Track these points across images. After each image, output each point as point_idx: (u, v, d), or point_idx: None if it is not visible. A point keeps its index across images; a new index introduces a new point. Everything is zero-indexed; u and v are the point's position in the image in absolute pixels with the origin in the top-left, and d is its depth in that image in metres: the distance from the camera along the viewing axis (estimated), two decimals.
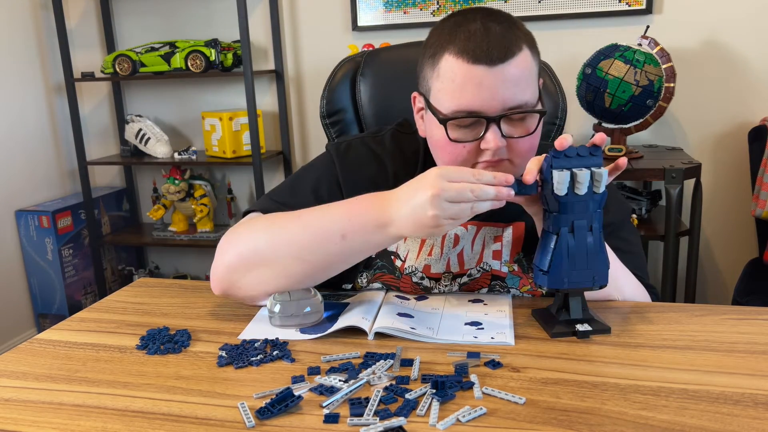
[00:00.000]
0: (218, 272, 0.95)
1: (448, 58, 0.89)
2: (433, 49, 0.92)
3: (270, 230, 0.93)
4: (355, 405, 0.70)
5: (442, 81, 0.90)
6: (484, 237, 1.03)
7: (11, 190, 2.68)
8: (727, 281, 2.46)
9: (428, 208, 0.80)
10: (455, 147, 0.91)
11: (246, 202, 2.91)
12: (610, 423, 0.65)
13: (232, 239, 0.96)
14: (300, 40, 2.67)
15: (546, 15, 2.39)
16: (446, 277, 1.03)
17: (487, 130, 0.89)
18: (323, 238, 0.89)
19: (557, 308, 0.89)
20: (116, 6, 2.83)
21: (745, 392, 0.71)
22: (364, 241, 0.88)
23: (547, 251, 0.85)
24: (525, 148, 0.92)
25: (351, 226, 0.88)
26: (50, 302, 2.75)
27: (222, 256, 0.95)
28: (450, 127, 0.90)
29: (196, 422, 0.68)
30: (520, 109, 0.89)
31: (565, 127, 1.31)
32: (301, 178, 1.07)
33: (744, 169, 2.31)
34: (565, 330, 0.86)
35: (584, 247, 0.84)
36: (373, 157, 1.06)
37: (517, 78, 0.88)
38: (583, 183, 0.82)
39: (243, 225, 0.97)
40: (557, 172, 0.82)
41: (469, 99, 0.88)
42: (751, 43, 2.26)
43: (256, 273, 0.93)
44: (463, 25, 0.90)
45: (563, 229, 0.84)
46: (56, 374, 0.80)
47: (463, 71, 0.88)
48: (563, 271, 0.85)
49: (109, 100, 2.94)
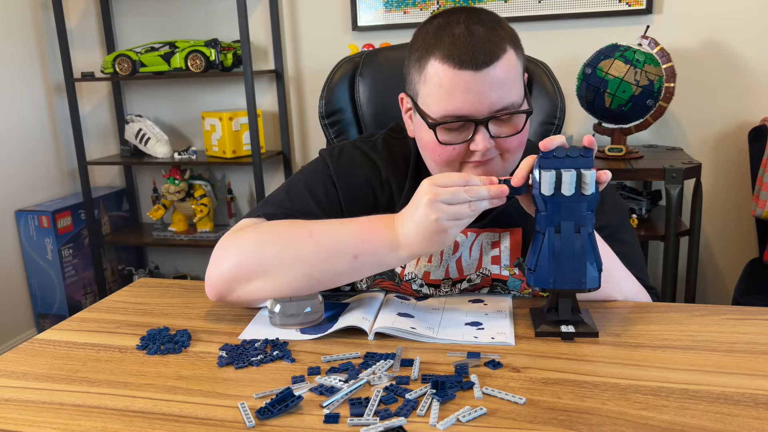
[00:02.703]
0: (215, 279, 0.93)
1: (434, 64, 0.90)
2: (419, 52, 0.93)
3: (277, 242, 0.92)
4: (355, 405, 0.70)
5: (429, 86, 0.91)
6: (481, 243, 1.03)
7: (11, 190, 2.68)
8: (727, 281, 2.46)
9: (429, 213, 0.81)
10: (444, 149, 0.92)
11: (246, 202, 2.91)
12: (611, 423, 0.65)
13: (231, 245, 0.94)
14: (300, 40, 2.67)
15: (546, 15, 2.39)
16: (446, 284, 1.03)
17: (476, 133, 0.90)
18: (335, 257, 0.89)
19: (548, 308, 0.89)
20: (116, 6, 2.83)
21: (745, 392, 0.71)
22: (376, 262, 0.89)
23: (534, 250, 0.86)
24: (514, 146, 0.93)
25: (364, 246, 0.88)
26: (50, 302, 2.75)
27: (220, 262, 0.93)
28: (439, 130, 0.91)
29: (197, 422, 0.68)
30: (507, 110, 0.90)
31: (565, 127, 1.31)
32: (296, 182, 1.07)
33: (744, 169, 2.31)
34: (550, 330, 0.86)
35: (571, 249, 0.84)
36: (366, 160, 1.06)
37: (503, 80, 0.89)
38: (569, 183, 0.82)
39: (243, 231, 0.95)
40: (544, 172, 0.82)
41: (457, 104, 0.88)
42: (751, 43, 2.26)
43: (257, 283, 0.91)
44: (447, 29, 0.90)
45: (549, 229, 0.84)
46: (56, 374, 0.80)
47: (450, 77, 0.88)
48: (548, 270, 0.85)
49: (109, 100, 2.94)
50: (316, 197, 1.03)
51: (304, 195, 1.03)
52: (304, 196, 1.03)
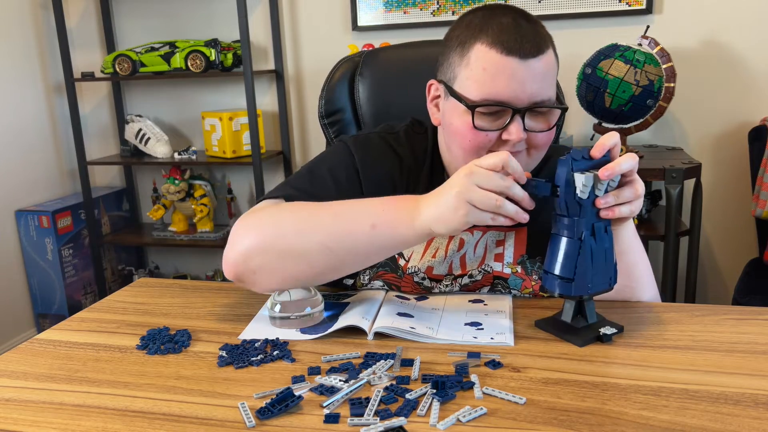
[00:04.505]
0: (234, 256, 0.90)
1: (480, 48, 0.91)
2: (462, 37, 0.93)
3: (297, 215, 0.91)
4: (355, 405, 0.70)
5: (472, 69, 0.91)
6: (486, 241, 1.03)
7: (11, 190, 2.68)
8: (727, 281, 2.46)
9: (455, 185, 0.80)
10: (477, 134, 0.92)
11: (246, 202, 2.91)
12: (611, 423, 0.65)
13: (251, 222, 0.91)
14: (300, 40, 2.67)
15: (546, 15, 2.39)
16: (448, 278, 1.03)
17: (512, 121, 0.90)
18: (353, 227, 0.87)
19: (572, 315, 0.86)
20: (116, 6, 2.83)
21: (745, 392, 0.71)
22: (393, 233, 0.86)
23: (570, 258, 0.82)
24: (542, 142, 0.94)
25: (383, 216, 0.86)
26: (50, 302, 2.75)
27: (241, 239, 0.90)
28: (476, 114, 0.91)
29: (197, 422, 0.68)
30: (544, 103, 0.91)
31: (565, 126, 1.31)
32: (318, 166, 1.05)
33: (744, 169, 2.31)
34: (591, 336, 0.84)
35: (602, 251, 0.83)
36: (391, 152, 1.06)
37: (544, 74, 0.91)
38: (603, 185, 0.81)
39: (263, 209, 0.93)
40: (580, 175, 0.79)
41: (499, 89, 0.89)
42: (751, 43, 2.26)
43: (277, 260, 0.88)
44: (494, 18, 0.92)
45: (586, 233, 0.82)
46: (56, 374, 0.80)
47: (495, 61, 0.89)
48: (588, 277, 0.83)
49: (109, 100, 2.94)
50: (339, 183, 1.01)
51: (326, 180, 1.02)
52: (326, 181, 1.01)
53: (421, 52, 1.36)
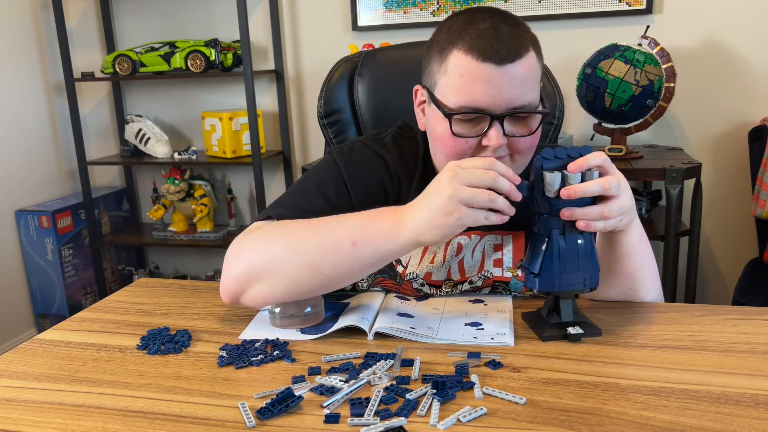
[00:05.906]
0: (228, 282, 0.92)
1: (457, 54, 0.90)
2: (442, 43, 0.93)
3: (282, 239, 0.91)
4: (355, 405, 0.70)
5: (449, 76, 0.91)
6: (484, 246, 1.03)
7: (11, 190, 2.68)
8: (727, 281, 2.46)
9: (444, 189, 0.80)
10: (456, 141, 0.92)
11: (246, 202, 2.91)
12: (611, 423, 0.65)
13: (241, 248, 0.93)
14: (300, 40, 2.67)
15: (546, 15, 2.39)
16: (447, 284, 1.03)
17: (490, 128, 0.90)
18: (335, 246, 0.87)
19: (548, 311, 0.88)
20: (116, 6, 2.83)
21: (745, 392, 0.71)
22: (374, 249, 0.86)
23: (537, 254, 0.84)
24: (525, 147, 0.93)
25: (362, 233, 0.86)
26: (50, 302, 2.75)
27: (231, 266, 0.92)
28: (454, 121, 0.91)
29: (197, 422, 0.68)
30: (524, 109, 0.90)
31: (564, 126, 1.31)
32: (306, 182, 1.05)
33: (744, 169, 2.31)
34: (555, 333, 0.85)
35: (575, 250, 0.84)
36: (377, 158, 1.06)
37: (523, 79, 0.89)
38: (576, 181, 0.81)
39: (253, 233, 0.95)
40: (549, 174, 0.81)
41: (476, 96, 0.89)
42: (751, 43, 2.26)
43: (266, 283, 0.90)
44: (473, 23, 0.91)
45: (554, 231, 0.83)
46: (57, 374, 0.80)
47: (472, 68, 0.88)
48: (554, 273, 0.84)
49: (109, 100, 2.94)
50: (327, 198, 1.01)
51: (314, 195, 1.02)
52: (314, 196, 1.02)
53: (421, 53, 1.34)
